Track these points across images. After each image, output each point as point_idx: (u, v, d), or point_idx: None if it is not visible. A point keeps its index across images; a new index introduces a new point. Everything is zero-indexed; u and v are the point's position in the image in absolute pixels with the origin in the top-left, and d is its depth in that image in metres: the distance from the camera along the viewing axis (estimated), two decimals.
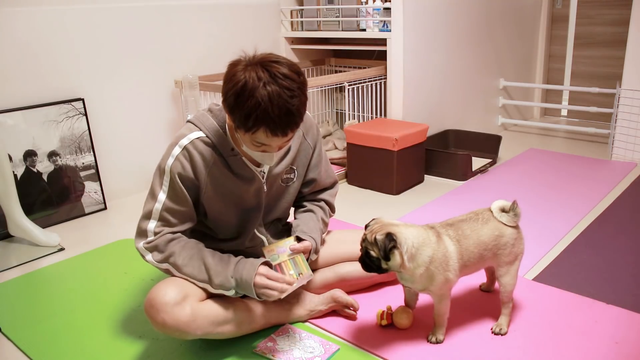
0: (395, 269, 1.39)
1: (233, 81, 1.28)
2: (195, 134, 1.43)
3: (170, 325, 1.34)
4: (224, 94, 1.31)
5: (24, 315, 1.73)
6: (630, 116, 3.10)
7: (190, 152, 1.41)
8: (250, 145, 1.37)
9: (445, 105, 3.33)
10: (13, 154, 2.32)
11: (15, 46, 2.32)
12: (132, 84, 2.74)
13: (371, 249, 1.37)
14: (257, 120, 1.26)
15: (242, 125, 1.30)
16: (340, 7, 3.15)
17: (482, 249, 1.46)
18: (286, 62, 1.31)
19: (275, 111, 1.25)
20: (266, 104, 1.24)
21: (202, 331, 1.39)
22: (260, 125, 1.27)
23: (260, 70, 1.26)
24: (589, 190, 2.66)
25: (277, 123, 1.27)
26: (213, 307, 1.42)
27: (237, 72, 1.28)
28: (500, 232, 1.48)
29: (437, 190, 2.78)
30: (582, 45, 4.03)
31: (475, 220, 1.48)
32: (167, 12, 2.82)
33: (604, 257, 1.98)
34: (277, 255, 1.53)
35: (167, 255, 1.43)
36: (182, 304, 1.36)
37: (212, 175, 1.44)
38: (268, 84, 1.25)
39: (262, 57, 1.30)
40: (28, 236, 2.21)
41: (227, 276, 1.41)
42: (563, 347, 1.46)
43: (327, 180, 1.72)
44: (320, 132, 1.69)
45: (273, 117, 1.26)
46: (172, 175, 1.41)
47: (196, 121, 1.46)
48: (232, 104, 1.29)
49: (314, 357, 1.43)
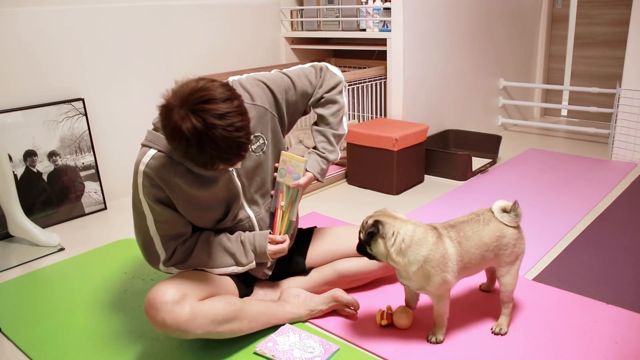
0: (381, 257, 1.43)
1: (176, 137, 1.26)
2: (148, 155, 1.43)
3: (170, 325, 1.35)
4: (171, 145, 1.32)
5: (24, 315, 1.73)
6: (630, 116, 3.10)
7: (149, 175, 1.41)
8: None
9: (445, 105, 3.33)
10: (13, 154, 2.32)
11: (16, 46, 2.33)
12: (132, 84, 2.74)
13: (361, 231, 1.45)
14: (215, 163, 1.30)
15: (201, 168, 1.37)
16: (340, 7, 3.15)
17: (483, 250, 1.46)
18: (217, 93, 1.25)
19: (228, 151, 1.27)
20: (218, 151, 1.26)
21: (202, 330, 1.39)
22: (219, 165, 1.32)
23: (195, 120, 1.22)
24: (589, 190, 2.66)
25: (233, 157, 1.31)
26: (213, 306, 1.42)
27: (176, 126, 1.24)
28: (501, 233, 1.48)
29: (437, 190, 2.78)
30: (582, 45, 4.03)
31: (477, 222, 1.48)
32: (167, 12, 2.82)
33: (604, 257, 1.98)
34: (285, 172, 1.62)
35: (191, 262, 1.51)
36: (181, 303, 1.36)
37: (178, 186, 1.42)
38: (211, 130, 1.23)
39: (190, 100, 1.24)
40: (28, 236, 2.21)
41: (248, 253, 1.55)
42: (563, 347, 1.46)
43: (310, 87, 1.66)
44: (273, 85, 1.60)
45: (228, 156, 1.29)
46: (149, 202, 1.43)
47: (146, 142, 1.47)
48: (186, 157, 1.32)
49: (314, 357, 1.43)
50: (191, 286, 1.42)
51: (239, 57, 3.15)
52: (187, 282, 1.43)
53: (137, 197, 1.45)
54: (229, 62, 3.11)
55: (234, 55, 3.14)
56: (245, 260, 1.55)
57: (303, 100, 1.66)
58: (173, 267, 1.50)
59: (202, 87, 1.26)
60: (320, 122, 1.69)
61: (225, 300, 1.46)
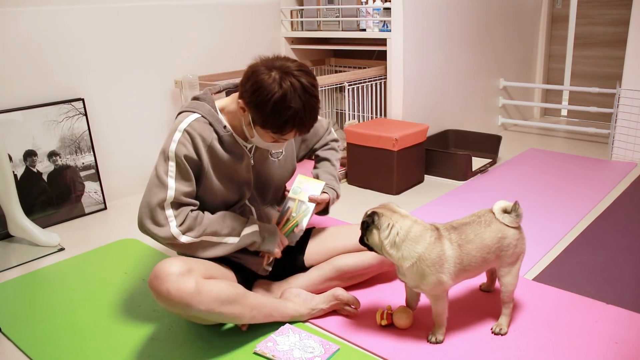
0: (377, 249, 1.46)
1: (268, 90, 1.39)
2: (192, 117, 1.52)
3: (175, 296, 1.35)
4: (252, 98, 1.42)
5: (24, 315, 1.73)
6: (630, 116, 3.10)
7: (191, 133, 1.49)
8: (268, 138, 1.49)
9: (445, 105, 3.33)
10: (13, 154, 2.32)
11: (16, 46, 2.33)
12: (132, 84, 2.74)
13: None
14: (293, 126, 1.43)
15: (274, 129, 1.44)
16: (340, 7, 3.15)
17: (485, 252, 1.46)
18: (304, 68, 1.45)
19: (308, 117, 1.44)
20: (302, 114, 1.42)
21: (205, 307, 1.39)
22: (293, 129, 1.45)
23: (293, 79, 1.40)
24: (589, 190, 2.66)
25: (308, 126, 1.47)
26: (217, 284, 1.44)
27: (269, 81, 1.40)
28: (503, 234, 1.48)
29: (437, 190, 2.78)
30: (582, 45, 4.03)
31: (478, 223, 1.48)
32: (167, 12, 2.82)
33: (604, 257, 1.98)
34: (301, 190, 1.71)
35: (202, 229, 1.51)
36: (187, 275, 1.38)
37: (211, 152, 1.53)
38: (302, 96, 1.40)
39: (284, 66, 1.42)
40: (28, 236, 2.21)
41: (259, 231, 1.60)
42: (563, 347, 1.46)
43: (321, 129, 1.89)
44: None
45: (305, 122, 1.45)
46: (178, 159, 1.48)
47: (189, 108, 1.55)
48: (267, 111, 1.41)
49: (314, 357, 1.43)
50: (197, 264, 1.45)
51: (239, 57, 3.15)
52: (192, 260, 1.46)
53: (165, 155, 1.49)
54: (229, 62, 3.11)
55: (234, 55, 3.13)
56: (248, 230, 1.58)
57: (313, 139, 1.88)
58: (183, 235, 1.48)
59: (290, 58, 1.47)
60: (322, 165, 1.87)
61: (228, 282, 1.49)
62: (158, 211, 1.48)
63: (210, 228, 1.52)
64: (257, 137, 1.52)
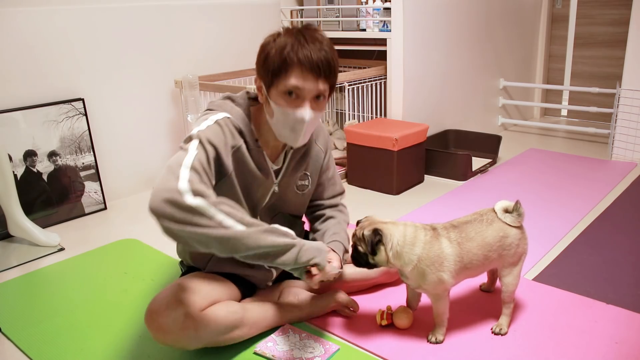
0: (383, 264, 1.43)
1: (266, 42, 1.38)
2: (224, 114, 1.40)
3: (174, 343, 1.33)
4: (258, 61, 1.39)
5: (24, 315, 1.73)
6: (630, 116, 3.10)
7: (222, 126, 1.36)
8: (282, 102, 1.35)
9: (445, 105, 3.33)
10: (13, 154, 2.32)
11: (16, 46, 2.32)
12: (132, 84, 2.74)
13: (359, 244, 1.44)
14: (291, 55, 1.31)
15: (276, 71, 1.33)
16: (340, 7, 3.15)
17: (486, 250, 1.45)
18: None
19: (309, 48, 1.31)
20: (300, 41, 1.32)
21: (206, 341, 1.38)
22: (294, 61, 1.31)
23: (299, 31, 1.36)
24: (589, 190, 2.66)
25: (312, 59, 1.31)
26: (215, 318, 1.38)
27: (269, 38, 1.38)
28: (504, 233, 1.47)
29: (437, 190, 2.78)
30: (582, 45, 4.03)
31: (480, 222, 1.48)
32: (167, 12, 2.82)
33: (604, 257, 1.98)
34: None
35: (217, 201, 1.20)
36: (185, 321, 1.32)
37: (237, 156, 1.40)
38: (298, 30, 1.36)
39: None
40: (28, 236, 2.21)
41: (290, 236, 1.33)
42: (563, 347, 1.46)
43: (337, 186, 1.73)
44: (329, 137, 1.70)
45: (307, 52, 1.31)
46: (202, 140, 1.29)
47: (220, 108, 1.43)
48: (265, 55, 1.36)
49: (314, 357, 1.43)
50: (191, 297, 1.36)
51: (239, 57, 3.15)
52: (187, 292, 1.37)
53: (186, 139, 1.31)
54: (229, 62, 3.11)
55: (234, 55, 3.13)
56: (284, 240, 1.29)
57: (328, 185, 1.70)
58: (193, 195, 1.16)
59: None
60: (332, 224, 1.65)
61: (226, 309, 1.42)
62: (172, 170, 1.20)
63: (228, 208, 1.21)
64: (276, 109, 1.37)
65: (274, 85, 1.36)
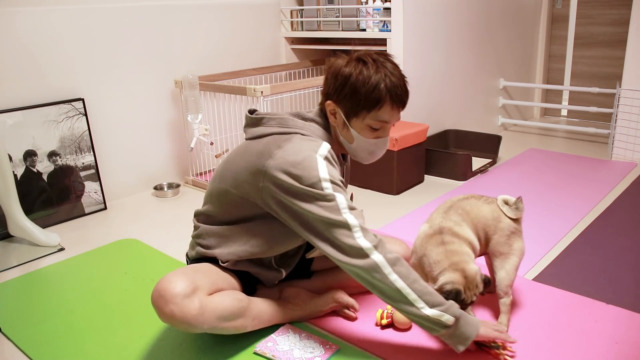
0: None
1: (356, 72, 1.38)
2: (324, 146, 1.41)
3: (178, 318, 1.34)
4: (343, 90, 1.40)
5: (24, 315, 1.73)
6: (630, 116, 3.10)
7: (331, 162, 1.39)
8: (367, 133, 1.44)
9: (445, 105, 3.33)
10: (13, 154, 2.32)
11: (16, 46, 2.33)
12: (132, 84, 2.74)
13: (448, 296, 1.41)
14: (385, 89, 1.37)
15: (366, 104, 1.38)
16: (340, 7, 3.15)
17: (482, 222, 1.53)
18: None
19: (396, 83, 1.39)
20: (389, 77, 1.38)
21: (208, 325, 1.39)
22: (387, 96, 1.38)
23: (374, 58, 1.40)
24: (589, 190, 2.66)
25: (401, 93, 1.41)
26: (221, 302, 1.41)
27: (356, 68, 1.39)
28: (499, 217, 1.54)
29: (437, 190, 2.78)
30: (582, 45, 4.03)
31: (478, 199, 1.58)
32: (167, 12, 2.82)
33: (604, 257, 1.98)
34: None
35: (395, 258, 1.32)
36: (191, 296, 1.36)
37: None
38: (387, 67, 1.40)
39: (359, 55, 1.42)
40: (28, 236, 2.21)
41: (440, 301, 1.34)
42: (563, 347, 1.46)
43: None
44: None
45: (397, 86, 1.39)
46: (335, 184, 1.35)
47: (312, 133, 1.46)
48: (352, 89, 1.38)
49: (314, 357, 1.43)
50: (201, 279, 1.41)
51: (239, 57, 3.15)
52: (197, 274, 1.43)
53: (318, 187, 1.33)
54: (229, 62, 3.11)
55: (234, 55, 3.14)
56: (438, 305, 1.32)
57: None
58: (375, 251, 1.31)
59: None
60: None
61: (233, 296, 1.45)
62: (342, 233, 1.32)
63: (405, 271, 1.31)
64: (357, 137, 1.45)
65: (360, 117, 1.42)
